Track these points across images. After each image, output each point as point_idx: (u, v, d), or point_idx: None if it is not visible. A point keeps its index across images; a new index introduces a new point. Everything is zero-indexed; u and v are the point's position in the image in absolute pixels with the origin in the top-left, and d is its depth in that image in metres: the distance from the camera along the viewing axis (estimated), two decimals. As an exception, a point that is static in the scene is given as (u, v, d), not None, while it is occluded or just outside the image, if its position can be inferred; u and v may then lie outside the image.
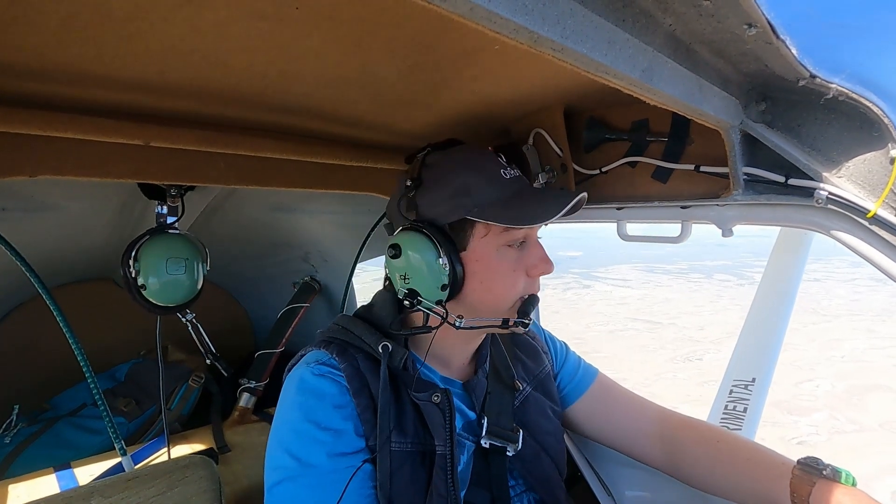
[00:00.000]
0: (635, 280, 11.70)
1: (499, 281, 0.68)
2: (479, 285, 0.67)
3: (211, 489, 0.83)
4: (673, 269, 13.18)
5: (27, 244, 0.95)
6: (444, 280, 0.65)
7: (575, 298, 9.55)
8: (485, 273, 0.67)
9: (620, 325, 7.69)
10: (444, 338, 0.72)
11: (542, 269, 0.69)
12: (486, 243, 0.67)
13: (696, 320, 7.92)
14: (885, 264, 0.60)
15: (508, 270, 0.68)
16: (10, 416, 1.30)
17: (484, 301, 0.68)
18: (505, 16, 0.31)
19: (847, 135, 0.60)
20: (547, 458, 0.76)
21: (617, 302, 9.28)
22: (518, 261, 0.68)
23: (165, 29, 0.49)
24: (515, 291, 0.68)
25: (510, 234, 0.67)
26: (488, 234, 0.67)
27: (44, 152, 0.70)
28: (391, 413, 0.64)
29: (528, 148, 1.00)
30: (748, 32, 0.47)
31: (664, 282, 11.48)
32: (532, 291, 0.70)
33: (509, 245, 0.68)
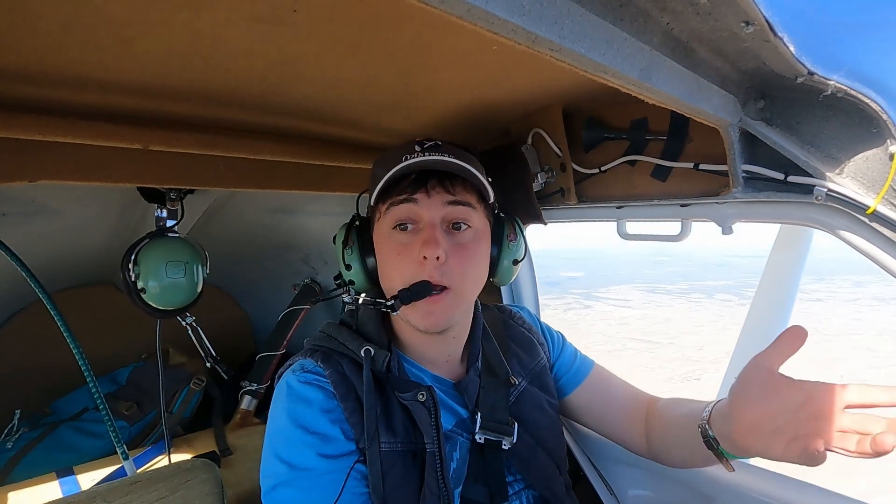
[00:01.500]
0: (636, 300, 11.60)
1: (385, 262, 0.70)
2: (381, 268, 0.72)
3: (213, 492, 0.82)
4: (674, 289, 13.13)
5: (27, 249, 0.95)
6: (344, 262, 0.73)
7: (575, 318, 9.52)
8: (380, 256, 0.71)
9: (619, 344, 7.67)
10: (413, 335, 0.73)
11: (423, 252, 0.64)
12: (380, 226, 0.70)
13: (696, 340, 7.89)
14: (885, 260, 0.60)
15: (392, 254, 0.68)
16: (11, 421, 1.29)
17: (383, 283, 0.72)
18: (502, 17, 0.31)
19: (846, 131, 0.60)
20: (544, 453, 0.76)
21: (617, 322, 9.26)
22: (406, 245, 0.66)
23: (164, 32, 0.49)
24: (399, 275, 0.67)
25: (392, 213, 0.67)
26: (380, 216, 0.70)
27: (43, 157, 0.70)
28: (379, 415, 0.64)
29: (527, 148, 1.00)
30: (746, 30, 0.47)
31: (665, 302, 11.42)
32: (419, 278, 0.65)
33: (397, 227, 0.67)
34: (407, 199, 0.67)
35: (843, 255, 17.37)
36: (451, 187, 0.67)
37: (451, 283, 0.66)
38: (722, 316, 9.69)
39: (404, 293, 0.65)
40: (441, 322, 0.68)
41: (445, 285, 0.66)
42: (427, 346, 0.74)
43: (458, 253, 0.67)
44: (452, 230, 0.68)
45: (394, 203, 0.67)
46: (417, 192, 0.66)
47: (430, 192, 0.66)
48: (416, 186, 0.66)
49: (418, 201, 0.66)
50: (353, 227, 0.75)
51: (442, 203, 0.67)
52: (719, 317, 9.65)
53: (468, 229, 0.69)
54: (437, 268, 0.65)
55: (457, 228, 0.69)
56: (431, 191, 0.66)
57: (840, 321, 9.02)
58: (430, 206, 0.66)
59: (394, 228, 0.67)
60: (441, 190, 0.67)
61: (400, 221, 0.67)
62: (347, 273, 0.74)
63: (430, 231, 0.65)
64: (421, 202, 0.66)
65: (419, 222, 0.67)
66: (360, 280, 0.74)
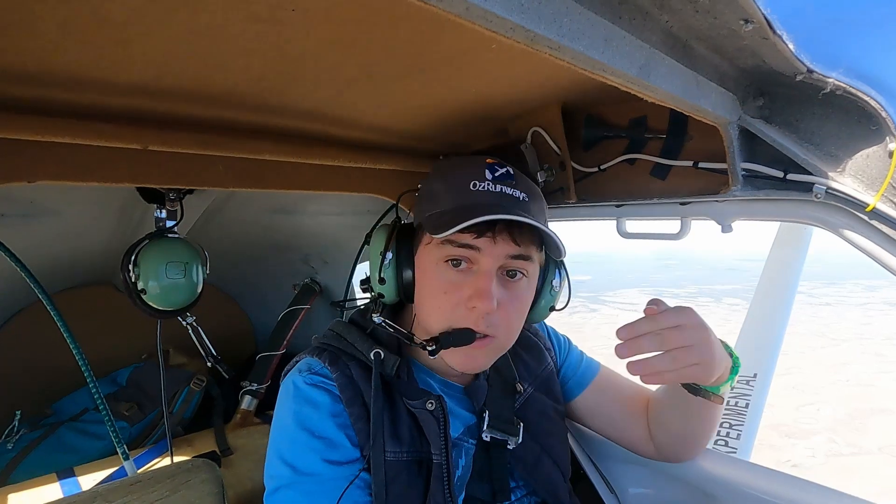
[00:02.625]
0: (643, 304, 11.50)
1: (428, 297, 0.64)
2: (419, 294, 0.66)
3: (214, 492, 0.82)
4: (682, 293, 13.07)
5: (27, 250, 0.95)
6: (381, 274, 0.67)
7: (581, 322, 9.48)
8: (422, 283, 0.66)
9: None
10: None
11: (474, 302, 0.60)
12: (427, 253, 0.65)
13: None
14: (885, 258, 0.60)
15: (439, 291, 0.63)
16: (12, 422, 1.30)
17: (419, 312, 0.66)
18: (501, 15, 0.31)
19: (845, 129, 0.60)
20: (549, 460, 0.76)
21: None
22: (456, 284, 0.62)
23: (162, 32, 0.49)
24: (442, 315, 0.62)
25: (447, 249, 0.62)
26: (430, 243, 0.64)
27: (42, 157, 0.70)
28: (385, 421, 0.63)
29: (526, 146, 1.00)
30: (744, 28, 0.47)
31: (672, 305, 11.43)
32: (464, 325, 0.61)
33: (448, 262, 0.62)
34: (469, 247, 0.61)
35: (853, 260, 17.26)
36: (517, 237, 0.62)
37: (496, 332, 0.63)
38: (729, 320, 9.66)
39: (447, 338, 0.61)
40: (478, 368, 0.66)
41: (490, 334, 0.63)
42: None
43: (507, 304, 0.63)
44: (506, 277, 0.64)
45: (453, 242, 0.61)
46: (482, 237, 0.60)
47: (495, 240, 0.61)
48: (483, 230, 0.60)
49: (481, 250, 0.61)
50: (393, 234, 0.67)
51: (505, 255, 0.62)
52: (726, 320, 9.62)
53: (522, 279, 0.65)
54: (486, 317, 0.61)
55: (511, 276, 0.65)
56: (497, 236, 0.61)
57: (849, 325, 8.97)
58: (492, 255, 0.61)
59: (445, 262, 0.63)
60: (507, 239, 0.61)
61: (453, 259, 0.62)
62: (379, 286, 0.67)
63: (486, 282, 0.60)
64: (484, 251, 0.61)
65: (475, 264, 0.63)
66: (392, 296, 0.68)
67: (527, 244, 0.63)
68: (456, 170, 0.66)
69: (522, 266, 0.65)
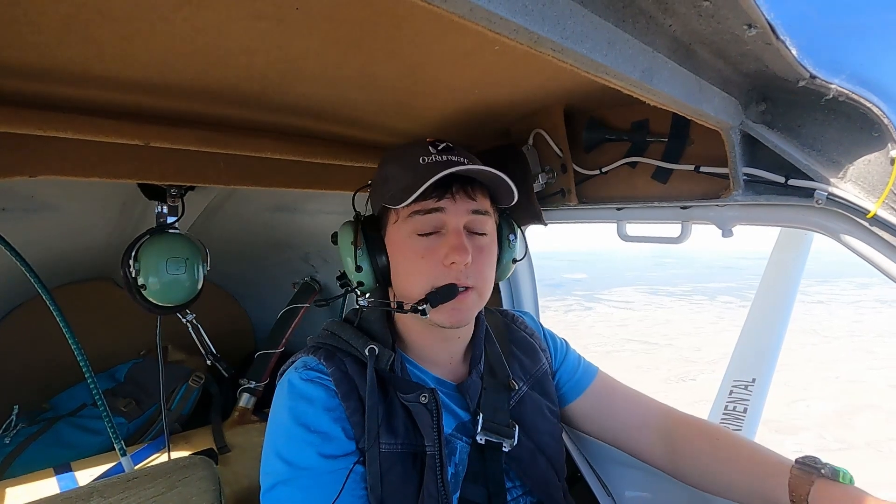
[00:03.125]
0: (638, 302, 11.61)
1: (405, 267, 0.69)
2: (395, 271, 0.71)
3: (211, 489, 0.83)
4: (676, 291, 13.11)
5: (27, 244, 0.95)
6: (354, 263, 0.71)
7: (575, 320, 9.53)
8: (397, 259, 0.70)
9: (618, 346, 7.68)
10: (419, 336, 0.73)
11: (452, 258, 0.65)
12: (397, 230, 0.69)
13: (694, 341, 7.89)
14: (885, 265, 0.60)
15: (416, 257, 0.67)
16: (9, 417, 1.30)
17: (400, 286, 0.71)
18: (505, 16, 0.31)
19: (847, 135, 0.60)
20: (543, 458, 0.76)
21: (617, 324, 9.27)
22: (429, 249, 0.67)
23: (165, 29, 0.49)
24: (424, 279, 0.67)
25: (417, 221, 0.67)
26: (398, 220, 0.69)
27: (44, 152, 0.70)
28: (380, 415, 0.64)
29: (528, 148, 1.00)
30: (748, 33, 0.47)
31: (666, 304, 11.42)
32: (447, 281, 0.66)
33: (420, 234, 0.67)
34: (434, 210, 0.67)
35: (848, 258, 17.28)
36: (472, 193, 0.69)
37: (474, 283, 0.69)
38: (722, 318, 9.69)
39: (434, 296, 0.65)
40: (465, 318, 0.70)
41: (469, 286, 0.68)
42: (432, 346, 0.74)
43: (478, 256, 0.69)
44: (471, 234, 0.70)
45: (419, 212, 0.67)
46: (443, 199, 0.66)
47: (455, 199, 0.67)
48: (442, 193, 0.66)
49: (445, 210, 0.67)
50: (361, 227, 0.73)
51: (466, 210, 0.68)
52: (719, 318, 9.66)
53: (486, 235, 0.71)
54: (462, 270, 0.67)
55: (474, 233, 0.70)
56: (456, 196, 0.67)
57: (840, 323, 9.03)
58: (456, 213, 0.67)
59: (416, 234, 0.68)
60: (465, 197, 0.68)
61: (426, 230, 0.67)
62: (357, 275, 0.72)
63: (458, 238, 0.66)
64: (448, 210, 0.67)
65: (441, 228, 0.68)
66: (370, 282, 0.73)
67: (482, 199, 0.70)
68: (403, 151, 0.71)
69: (482, 222, 0.71)
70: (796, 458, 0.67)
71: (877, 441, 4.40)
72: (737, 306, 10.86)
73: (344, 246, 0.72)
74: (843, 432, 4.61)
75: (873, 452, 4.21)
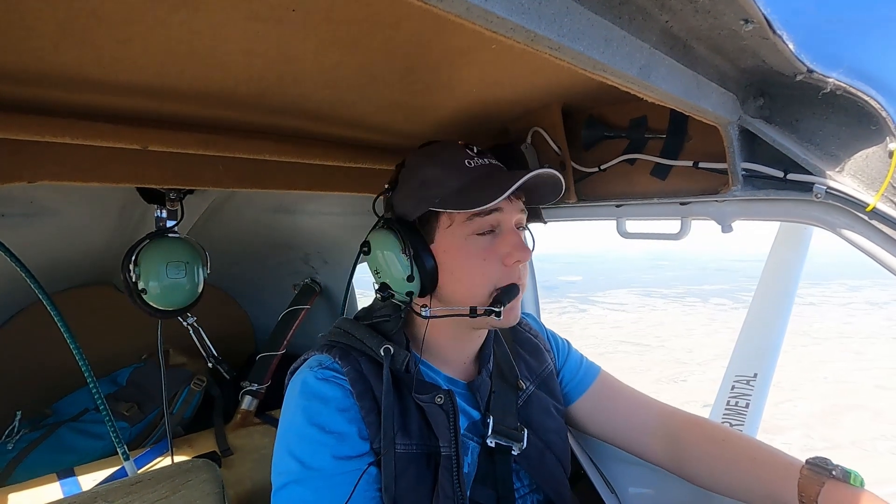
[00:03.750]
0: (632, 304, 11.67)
1: (467, 270, 0.68)
2: (450, 276, 0.68)
3: (214, 492, 0.83)
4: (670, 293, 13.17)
5: (27, 250, 0.95)
6: (407, 272, 0.67)
7: (569, 322, 9.57)
8: (453, 263, 0.68)
9: (611, 347, 7.73)
10: (439, 336, 0.73)
11: (517, 257, 0.66)
12: (452, 233, 0.68)
13: (686, 343, 7.94)
14: (884, 258, 0.60)
15: (477, 259, 0.67)
16: (12, 422, 1.30)
17: (457, 292, 0.69)
18: (501, 15, 0.31)
19: (845, 129, 0.60)
20: (552, 456, 0.76)
21: (610, 325, 9.32)
22: (489, 249, 0.67)
23: (162, 32, 0.49)
24: (487, 280, 0.67)
25: (476, 223, 0.67)
26: (452, 223, 0.68)
27: (42, 158, 0.70)
28: (395, 415, 0.64)
29: (526, 147, 1.00)
30: (745, 28, 0.47)
31: (660, 305, 11.47)
32: (510, 281, 0.67)
33: (478, 234, 0.67)
34: (495, 210, 0.67)
35: (840, 260, 17.41)
36: (520, 194, 0.71)
37: (524, 282, 0.70)
38: (714, 319, 9.74)
39: (503, 296, 0.66)
40: (518, 316, 0.71)
41: (522, 284, 0.70)
42: (453, 345, 0.75)
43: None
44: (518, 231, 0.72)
45: (479, 214, 0.66)
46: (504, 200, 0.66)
47: (512, 199, 0.69)
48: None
49: (504, 210, 0.68)
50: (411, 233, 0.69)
51: (518, 209, 0.70)
52: (712, 320, 9.70)
53: (526, 229, 0.74)
54: (518, 269, 0.68)
55: (520, 230, 0.72)
56: (513, 195, 0.68)
57: (830, 324, 9.10)
58: (511, 212, 0.69)
59: (474, 235, 0.67)
60: (515, 198, 0.70)
61: (486, 228, 0.67)
62: (408, 285, 0.68)
63: (517, 237, 0.68)
64: (506, 210, 0.68)
65: (497, 228, 0.69)
66: (419, 290, 0.69)
67: (523, 198, 0.72)
68: (441, 155, 0.70)
69: (524, 220, 0.73)
70: (806, 459, 0.67)
71: (861, 440, 4.47)
72: (729, 308, 10.91)
73: (389, 254, 0.68)
74: (830, 431, 4.68)
75: (858, 451, 4.28)
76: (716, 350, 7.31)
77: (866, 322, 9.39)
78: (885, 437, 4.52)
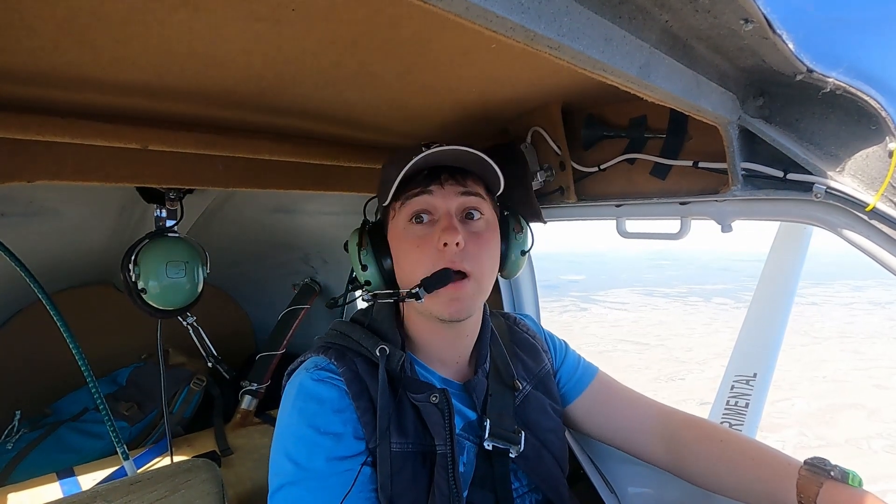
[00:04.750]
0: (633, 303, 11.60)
1: (403, 256, 0.70)
2: (397, 265, 0.73)
3: (214, 492, 0.83)
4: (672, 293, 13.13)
5: (26, 249, 0.95)
6: (363, 262, 0.73)
7: (570, 321, 9.55)
8: (397, 251, 0.72)
9: (611, 346, 7.72)
10: (426, 333, 0.74)
11: (444, 239, 0.65)
12: (395, 223, 0.71)
13: (686, 342, 7.93)
14: (884, 257, 0.60)
15: (411, 246, 0.69)
16: (11, 422, 1.30)
17: (402, 279, 0.72)
18: (501, 14, 0.31)
19: (845, 129, 0.60)
20: (549, 455, 0.76)
21: (611, 324, 9.31)
22: (423, 238, 0.68)
23: (162, 32, 0.49)
24: (418, 266, 0.67)
25: (407, 206, 0.69)
26: (395, 214, 0.71)
27: (42, 157, 0.70)
28: (391, 415, 0.64)
29: (526, 146, 1.00)
30: (745, 27, 0.47)
31: (661, 305, 11.43)
32: (440, 266, 0.66)
33: (414, 221, 0.69)
34: (422, 192, 0.68)
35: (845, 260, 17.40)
36: (462, 179, 0.70)
37: (470, 268, 0.68)
38: (715, 319, 9.73)
39: (428, 281, 0.66)
40: (464, 309, 0.69)
41: (465, 271, 0.67)
42: (441, 344, 0.75)
43: (474, 240, 0.69)
44: (466, 220, 0.71)
45: (409, 197, 0.69)
46: (432, 184, 0.68)
47: (443, 184, 0.69)
48: (430, 180, 0.69)
49: (433, 192, 0.68)
50: (366, 230, 0.76)
51: (455, 193, 0.69)
52: (713, 319, 9.70)
53: (481, 218, 0.72)
54: (457, 254, 0.66)
55: (470, 218, 0.71)
56: (445, 182, 0.69)
57: (832, 324, 9.10)
58: (445, 197, 0.69)
59: (410, 221, 0.69)
60: (453, 182, 0.70)
61: (416, 213, 0.69)
62: (363, 274, 0.74)
63: (448, 220, 0.68)
64: (436, 193, 0.69)
65: (434, 213, 0.69)
66: (376, 280, 0.74)
67: (472, 184, 0.71)
68: (398, 155, 0.73)
69: (475, 203, 0.71)
70: (805, 460, 0.67)
71: (856, 438, 4.49)
72: (731, 307, 10.89)
73: (351, 250, 0.75)
74: (825, 430, 4.69)
75: (852, 449, 4.31)
76: (716, 349, 7.32)
77: (868, 322, 9.39)
78: (881, 435, 4.55)
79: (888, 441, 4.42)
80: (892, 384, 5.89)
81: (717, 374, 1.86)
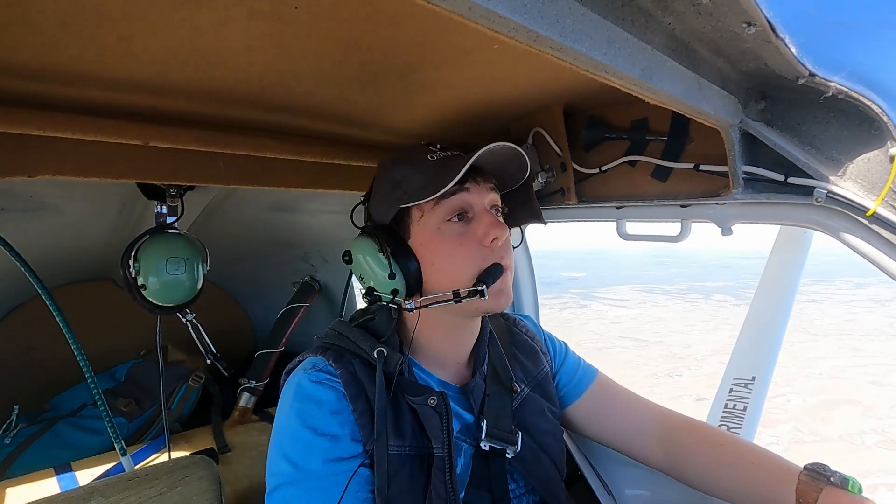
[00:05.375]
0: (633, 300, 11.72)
1: (445, 257, 0.67)
2: (431, 267, 0.68)
3: (211, 489, 0.83)
4: (672, 290, 13.17)
5: (26, 244, 0.95)
6: (387, 270, 0.68)
7: (570, 318, 9.58)
8: (431, 254, 0.68)
9: (610, 342, 7.74)
10: (431, 334, 0.73)
11: (493, 234, 0.66)
12: (424, 224, 0.68)
13: (685, 339, 7.95)
14: (885, 262, 0.60)
15: (455, 245, 0.67)
16: (9, 417, 1.30)
17: (441, 282, 0.68)
18: (504, 15, 0.31)
19: (846, 133, 0.60)
20: (546, 457, 0.76)
21: (611, 321, 9.33)
22: (464, 234, 0.67)
23: (164, 29, 0.49)
24: (467, 264, 0.66)
25: (443, 207, 0.67)
26: (423, 214, 0.68)
27: (43, 152, 0.70)
28: (388, 417, 0.64)
29: (527, 147, 1.00)
30: (747, 31, 0.47)
31: (661, 302, 11.46)
32: (492, 261, 0.66)
33: (450, 220, 0.67)
34: (460, 190, 0.67)
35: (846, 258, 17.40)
36: (487, 176, 0.71)
37: (509, 262, 0.69)
38: (715, 316, 9.75)
39: (486, 276, 0.65)
40: (510, 299, 0.70)
41: (507, 265, 0.68)
42: (445, 344, 0.74)
43: (506, 234, 0.70)
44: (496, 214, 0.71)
45: (444, 196, 0.66)
46: (467, 181, 0.67)
47: (478, 181, 0.69)
48: (463, 178, 0.66)
49: (470, 190, 0.68)
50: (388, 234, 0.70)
51: (487, 190, 0.70)
52: (712, 317, 9.72)
53: (502, 213, 0.73)
54: (499, 249, 0.67)
55: (496, 213, 0.71)
56: (479, 178, 0.69)
57: (831, 322, 9.14)
58: (481, 193, 0.69)
59: (448, 220, 0.67)
60: (482, 179, 0.70)
61: (457, 211, 0.67)
62: (390, 283, 0.68)
63: (490, 216, 0.68)
64: (472, 190, 0.68)
65: (470, 211, 0.69)
66: (403, 287, 0.69)
67: (493, 182, 0.72)
68: (407, 155, 0.72)
69: (499, 201, 0.73)
70: (805, 465, 0.67)
71: (850, 434, 4.53)
72: (731, 304, 10.92)
73: (368, 257, 0.69)
74: (819, 426, 4.73)
75: (846, 445, 4.35)
76: (714, 346, 7.34)
77: (867, 319, 9.41)
78: (874, 431, 4.58)
79: (882, 437, 4.46)
80: (888, 381, 5.93)
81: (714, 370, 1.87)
